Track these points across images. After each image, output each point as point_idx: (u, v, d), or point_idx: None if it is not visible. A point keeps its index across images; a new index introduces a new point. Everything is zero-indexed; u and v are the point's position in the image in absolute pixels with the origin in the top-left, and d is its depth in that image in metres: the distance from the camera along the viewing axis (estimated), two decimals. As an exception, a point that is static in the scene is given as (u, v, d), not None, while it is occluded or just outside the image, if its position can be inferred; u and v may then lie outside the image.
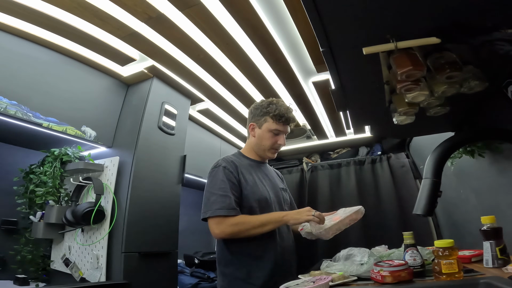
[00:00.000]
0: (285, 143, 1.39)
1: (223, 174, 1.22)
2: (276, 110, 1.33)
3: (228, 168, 1.24)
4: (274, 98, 1.40)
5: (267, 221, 1.14)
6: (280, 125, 1.34)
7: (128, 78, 1.86)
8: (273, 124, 1.34)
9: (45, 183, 1.63)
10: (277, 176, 1.54)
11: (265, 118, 1.35)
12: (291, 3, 1.23)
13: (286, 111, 1.35)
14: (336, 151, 3.00)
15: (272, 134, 1.35)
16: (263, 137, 1.36)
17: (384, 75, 0.82)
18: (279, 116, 1.33)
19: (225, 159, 1.31)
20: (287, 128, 1.37)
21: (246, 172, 1.30)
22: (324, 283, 0.80)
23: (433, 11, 0.61)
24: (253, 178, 1.30)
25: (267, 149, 1.37)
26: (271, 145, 1.36)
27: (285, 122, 1.35)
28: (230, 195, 1.17)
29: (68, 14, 1.32)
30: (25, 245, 1.68)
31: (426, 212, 0.68)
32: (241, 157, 1.40)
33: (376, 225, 2.40)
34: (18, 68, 1.41)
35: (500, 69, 0.80)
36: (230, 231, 1.13)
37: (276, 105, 1.35)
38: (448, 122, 1.20)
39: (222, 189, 1.18)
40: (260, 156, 1.41)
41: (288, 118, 1.35)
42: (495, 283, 0.69)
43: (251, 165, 1.38)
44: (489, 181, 1.27)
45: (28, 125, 1.45)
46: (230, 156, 1.37)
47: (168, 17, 1.34)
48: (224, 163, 1.27)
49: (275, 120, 1.33)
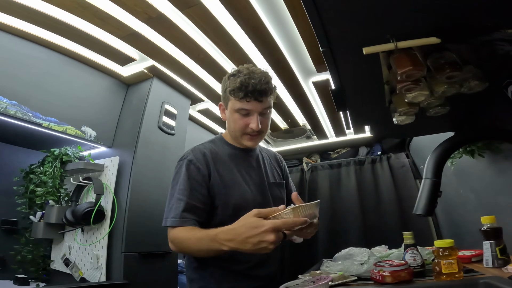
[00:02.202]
0: (264, 126, 1.03)
1: (185, 171, 0.95)
2: (236, 82, 0.96)
3: (194, 163, 0.97)
4: (245, 65, 1.03)
5: (200, 246, 0.82)
6: (243, 102, 0.97)
7: (128, 78, 1.86)
8: (236, 102, 0.98)
9: (45, 183, 1.63)
10: (271, 165, 1.22)
11: (227, 95, 1.02)
12: (291, 3, 1.23)
13: (250, 81, 0.95)
14: (336, 151, 3.00)
15: (239, 115, 1.00)
16: (230, 119, 1.04)
17: (384, 75, 0.82)
18: (239, 90, 0.96)
19: (195, 149, 1.03)
20: (258, 105, 0.98)
21: (224, 166, 1.03)
22: (324, 283, 0.80)
23: (433, 11, 0.61)
24: (233, 175, 1.03)
25: (239, 135, 1.04)
26: (240, 130, 1.02)
27: (252, 97, 0.96)
28: (187, 200, 0.91)
29: (68, 14, 1.32)
30: (25, 245, 1.69)
31: (426, 212, 0.68)
32: (221, 144, 1.10)
33: (376, 225, 2.40)
34: (18, 68, 1.41)
35: (500, 69, 0.80)
36: (173, 248, 0.90)
37: (238, 76, 0.98)
38: (448, 122, 1.20)
39: (180, 191, 0.93)
40: (239, 143, 1.10)
41: (255, 91, 0.95)
42: (495, 283, 0.69)
43: (233, 155, 1.08)
44: (489, 181, 1.27)
45: (28, 125, 1.45)
46: (206, 143, 1.09)
47: (168, 17, 1.34)
48: (191, 155, 0.99)
49: (236, 96, 0.97)
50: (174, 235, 0.88)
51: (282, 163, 1.29)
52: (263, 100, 0.98)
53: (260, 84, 0.96)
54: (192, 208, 0.91)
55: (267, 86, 0.98)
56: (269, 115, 1.06)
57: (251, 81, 0.95)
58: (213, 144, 1.09)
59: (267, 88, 0.98)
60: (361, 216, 2.48)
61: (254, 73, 0.97)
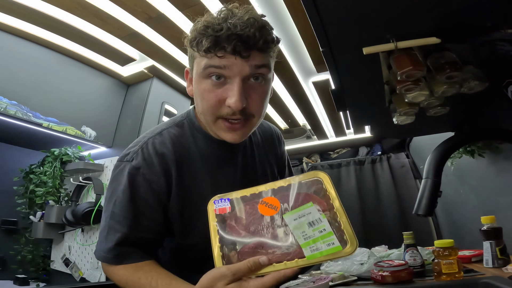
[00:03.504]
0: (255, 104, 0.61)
1: (128, 186, 0.62)
2: (200, 25, 0.59)
3: (143, 173, 0.63)
4: (226, 6, 0.62)
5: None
6: (212, 56, 0.57)
7: (128, 78, 1.86)
8: (201, 58, 0.59)
9: (45, 183, 1.63)
10: (265, 155, 0.83)
11: (192, 52, 0.63)
12: (291, 3, 1.23)
13: (224, 23, 0.56)
14: (336, 151, 3.00)
15: (209, 83, 0.59)
16: (196, 93, 0.64)
17: (384, 75, 0.82)
18: (202, 35, 0.57)
19: (148, 145, 0.65)
20: (241, 63, 0.57)
21: (192, 172, 0.67)
22: (324, 283, 0.80)
23: (433, 11, 0.61)
24: (203, 188, 0.67)
25: (211, 121, 0.63)
26: (211, 110, 0.61)
27: (227, 48, 0.55)
28: (126, 231, 0.60)
29: (68, 14, 1.32)
30: (25, 245, 1.69)
31: (426, 212, 0.68)
32: (191, 131, 0.71)
33: (376, 225, 2.41)
34: (18, 68, 1.41)
35: (500, 69, 0.80)
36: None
37: (206, 17, 0.60)
38: (448, 122, 1.20)
39: (116, 216, 0.61)
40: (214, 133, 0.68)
41: (232, 36, 0.54)
42: (495, 283, 0.69)
43: (208, 152, 0.69)
44: (489, 181, 1.27)
45: (28, 125, 1.45)
46: (170, 128, 0.70)
47: (168, 17, 1.34)
48: (140, 158, 0.63)
49: (199, 47, 0.58)
50: (110, 275, 0.63)
51: (281, 147, 0.90)
52: (250, 56, 0.56)
53: (245, 25, 0.55)
54: (136, 241, 0.61)
55: (258, 32, 0.56)
56: (266, 86, 0.63)
57: (228, 22, 0.55)
58: (180, 131, 0.70)
59: (257, 35, 0.55)
60: (361, 216, 2.48)
61: (235, 14, 0.57)
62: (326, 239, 0.49)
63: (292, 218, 0.52)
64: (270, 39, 0.60)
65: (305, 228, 0.50)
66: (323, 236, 0.49)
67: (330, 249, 0.48)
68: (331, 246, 0.49)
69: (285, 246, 0.50)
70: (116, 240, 0.60)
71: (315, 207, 0.52)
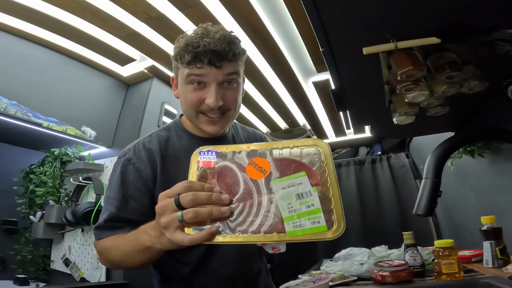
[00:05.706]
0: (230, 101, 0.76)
1: (120, 174, 0.75)
2: (182, 43, 0.73)
3: (133, 163, 0.75)
4: (201, 25, 0.75)
5: (126, 245, 0.64)
6: (192, 67, 0.71)
7: (128, 78, 1.86)
8: (184, 69, 0.74)
9: (45, 183, 1.63)
10: None
11: (177, 64, 0.78)
12: (291, 3, 1.23)
13: (201, 40, 0.69)
14: (336, 151, 3.00)
15: (192, 87, 0.74)
16: (181, 95, 0.79)
17: (384, 75, 0.82)
18: (184, 51, 0.71)
19: (138, 144, 0.79)
20: (215, 72, 0.71)
21: (175, 165, 0.78)
22: (324, 283, 0.80)
23: (433, 11, 0.61)
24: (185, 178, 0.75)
25: (194, 116, 0.77)
26: (194, 107, 0.75)
27: (204, 61, 0.70)
28: (115, 211, 0.71)
29: (68, 14, 1.32)
30: (25, 245, 1.69)
31: (426, 212, 0.68)
32: (177, 132, 0.85)
33: (376, 225, 2.40)
34: (18, 68, 1.41)
35: (500, 69, 0.80)
36: (103, 262, 0.74)
37: (186, 36, 0.74)
38: (448, 122, 1.20)
39: (110, 199, 0.73)
40: (200, 130, 0.82)
41: (207, 52, 0.69)
42: (495, 283, 0.69)
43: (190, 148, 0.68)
44: (489, 181, 1.27)
45: (28, 125, 1.45)
46: (159, 131, 0.84)
47: (168, 17, 1.34)
48: (131, 152, 0.77)
49: (182, 61, 0.72)
50: (100, 246, 0.70)
51: None
52: (222, 66, 0.71)
53: (217, 42, 0.69)
54: (124, 222, 0.70)
55: (227, 47, 0.69)
56: (238, 87, 0.78)
57: (204, 40, 0.69)
58: (167, 133, 0.83)
59: (227, 49, 0.69)
60: (361, 216, 2.48)
61: (210, 31, 0.71)
62: (312, 215, 0.44)
63: (280, 186, 0.47)
64: (238, 52, 0.74)
65: (292, 200, 0.46)
66: (309, 212, 0.45)
67: (314, 227, 0.44)
68: (315, 225, 0.44)
69: (266, 217, 0.46)
70: (105, 217, 0.71)
71: (307, 179, 0.47)
